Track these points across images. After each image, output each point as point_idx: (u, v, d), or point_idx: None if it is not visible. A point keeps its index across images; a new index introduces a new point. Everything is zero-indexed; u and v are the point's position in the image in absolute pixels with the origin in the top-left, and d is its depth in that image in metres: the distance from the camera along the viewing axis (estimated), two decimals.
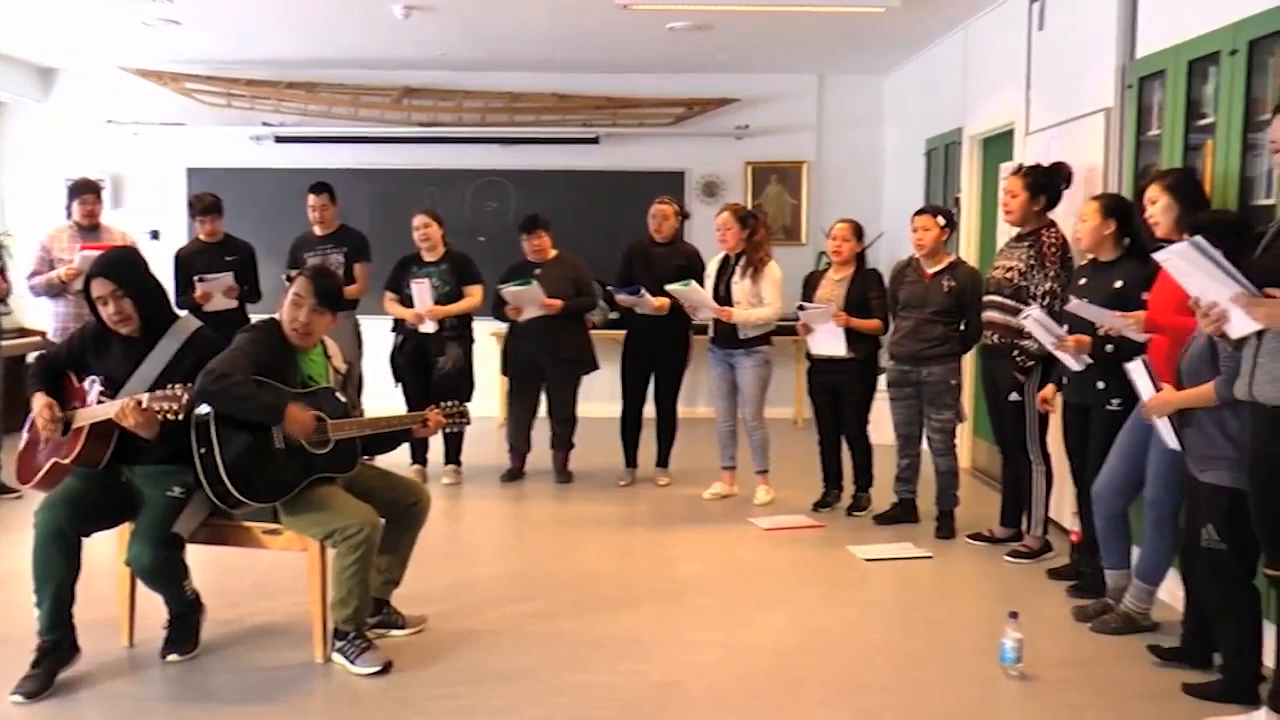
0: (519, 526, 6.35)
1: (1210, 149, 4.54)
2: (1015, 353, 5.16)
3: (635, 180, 9.22)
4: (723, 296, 6.30)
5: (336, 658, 4.00)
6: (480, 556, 5.64)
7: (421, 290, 6.59)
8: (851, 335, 5.93)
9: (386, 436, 4.31)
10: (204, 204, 7.02)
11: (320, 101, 9.41)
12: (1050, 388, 5.00)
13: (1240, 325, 3.18)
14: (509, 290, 6.66)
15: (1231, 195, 4.34)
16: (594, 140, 9.57)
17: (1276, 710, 3.45)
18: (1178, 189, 4.25)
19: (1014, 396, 5.29)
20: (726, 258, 6.42)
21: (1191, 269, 3.19)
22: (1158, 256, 3.28)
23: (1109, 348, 4.54)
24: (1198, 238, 3.19)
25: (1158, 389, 3.87)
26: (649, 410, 6.94)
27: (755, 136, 9.63)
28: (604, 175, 9.51)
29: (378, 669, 3.93)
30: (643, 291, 6.52)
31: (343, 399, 4.14)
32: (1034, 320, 4.77)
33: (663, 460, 7.02)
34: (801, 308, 6.00)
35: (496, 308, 6.82)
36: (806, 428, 6.61)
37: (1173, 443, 3.88)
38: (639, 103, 9.55)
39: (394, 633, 4.29)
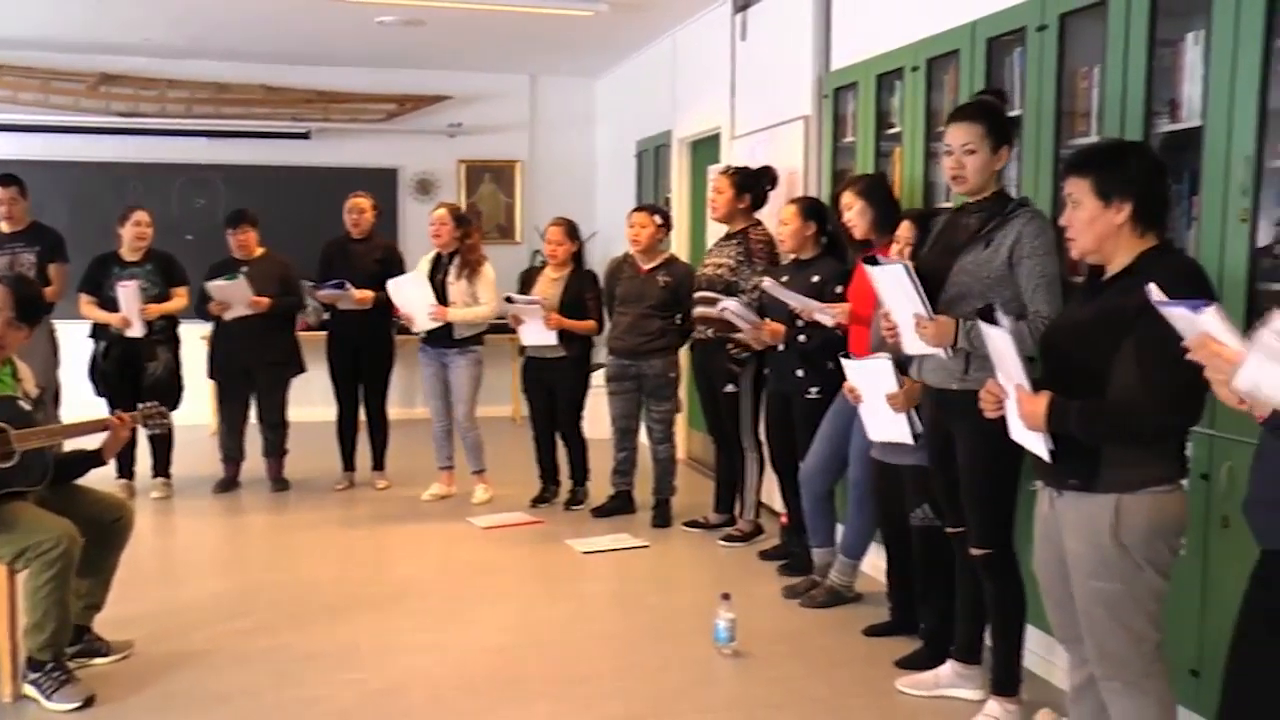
0: (233, 539, 6.09)
1: (899, 155, 4.91)
2: (730, 345, 5.38)
3: (348, 177, 8.91)
4: (438, 295, 6.26)
5: (30, 692, 3.70)
6: (192, 573, 5.40)
7: (130, 293, 6.20)
8: (566, 333, 6.02)
9: (81, 460, 4.02)
10: None
11: (4, 85, 8.70)
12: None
13: (911, 345, 3.44)
14: (215, 285, 6.40)
15: (917, 198, 4.71)
16: (305, 135, 9.30)
17: (959, 659, 3.82)
18: (870, 194, 4.55)
19: (730, 388, 5.51)
20: (439, 256, 6.39)
21: (892, 285, 3.42)
22: (871, 272, 3.48)
23: (801, 337, 4.83)
24: (909, 263, 3.43)
25: (900, 384, 3.95)
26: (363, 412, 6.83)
27: (469, 135, 9.61)
28: (316, 171, 9.25)
29: (78, 704, 3.66)
30: (347, 285, 6.40)
31: (27, 407, 3.84)
32: (730, 311, 5.03)
33: (378, 463, 6.91)
34: (510, 300, 6.04)
35: (201, 305, 6.54)
36: (525, 424, 6.64)
37: (911, 434, 3.94)
38: (351, 98, 9.36)
39: (97, 661, 4.02)
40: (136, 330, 6.27)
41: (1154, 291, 2.14)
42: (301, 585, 5.04)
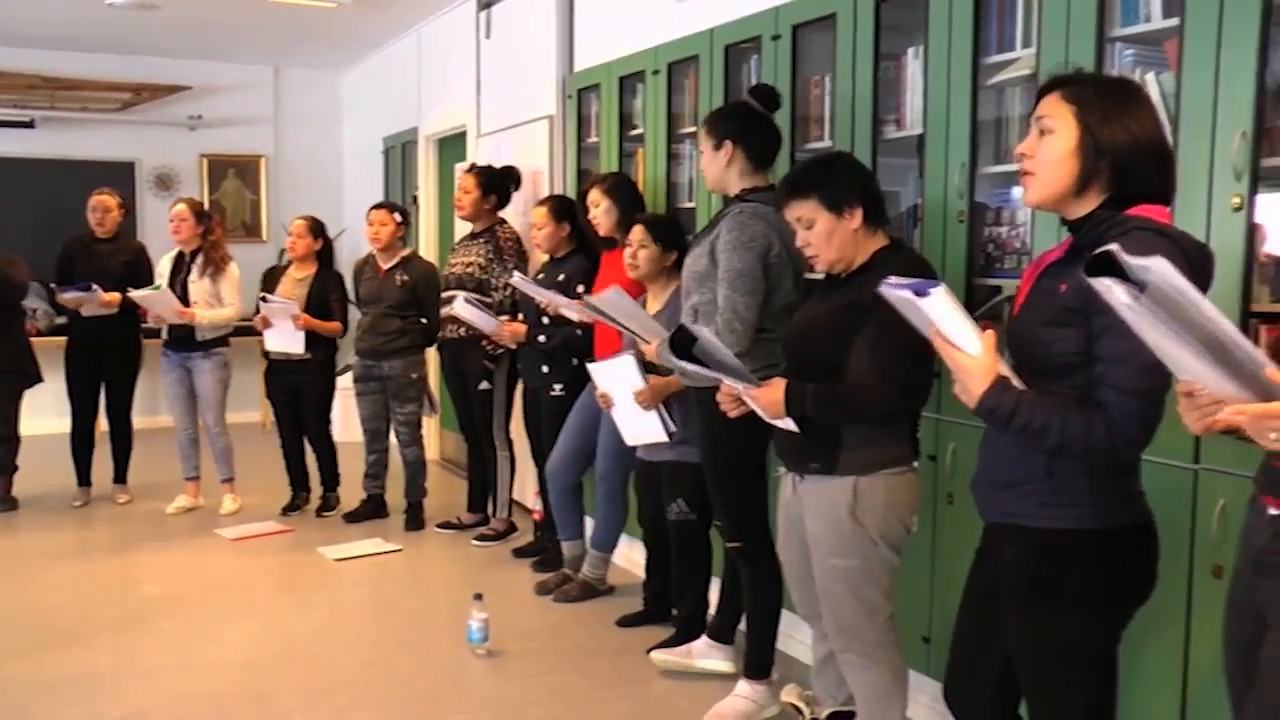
0: None
1: (641, 156, 5.03)
2: (485, 342, 5.38)
3: (79, 170, 8.44)
4: (180, 296, 6.01)
5: None
6: None
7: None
8: (311, 336, 5.89)
9: None
10: None
11: None
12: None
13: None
14: None
15: (660, 198, 4.83)
16: (29, 124, 8.70)
17: (713, 637, 3.99)
18: (616, 192, 4.63)
19: (484, 385, 5.52)
20: (181, 255, 6.14)
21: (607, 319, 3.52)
22: (589, 303, 3.58)
23: (541, 338, 4.89)
24: (608, 293, 3.53)
25: (646, 381, 4.04)
26: (102, 422, 6.48)
27: (211, 128, 9.23)
28: (42, 164, 8.66)
29: None
30: (94, 288, 6.06)
31: None
32: (462, 309, 5.03)
33: (120, 476, 6.58)
34: (264, 299, 5.87)
35: None
36: (274, 431, 6.46)
37: (666, 430, 4.02)
38: (81, 84, 8.81)
39: None
40: None
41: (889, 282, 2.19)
42: (32, 611, 4.73)
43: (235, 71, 9.25)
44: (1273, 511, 1.85)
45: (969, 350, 2.03)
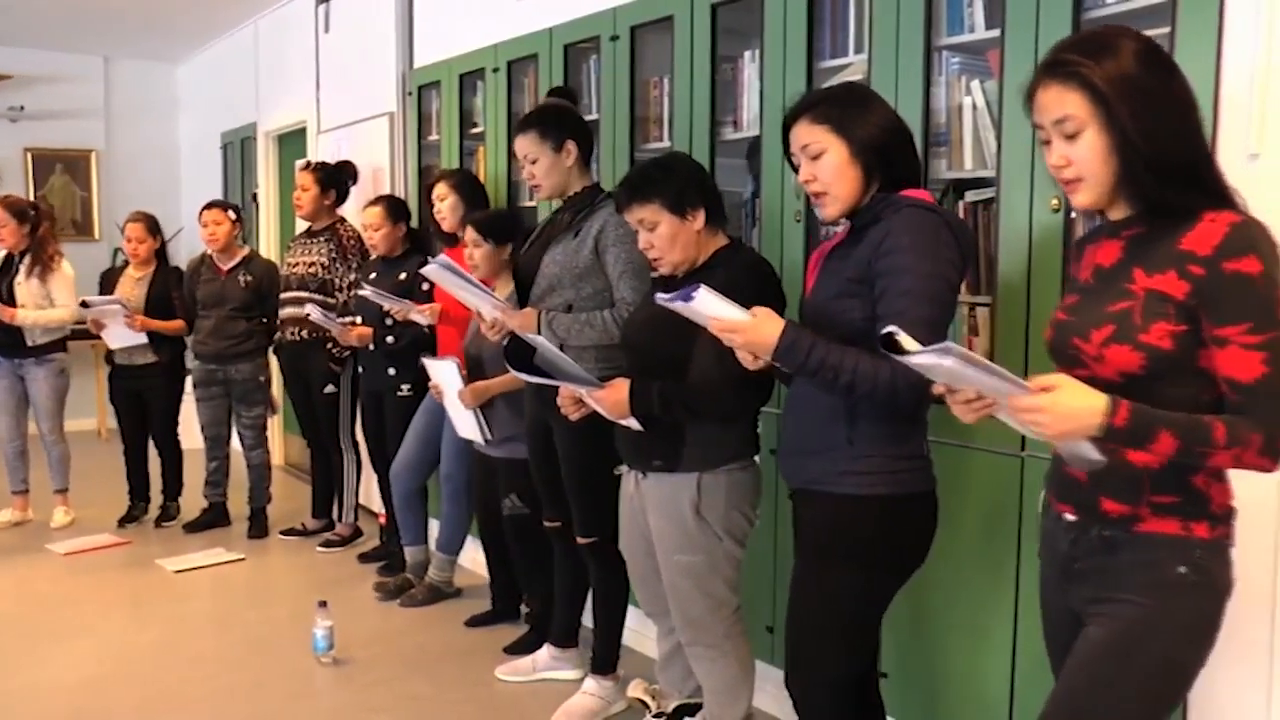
0: None
1: (482, 154, 5.00)
2: (330, 345, 5.27)
3: None
4: (5, 299, 5.73)
5: None
6: None
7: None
8: (156, 337, 5.70)
9: None
10: None
11: None
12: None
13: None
14: None
15: (501, 196, 4.81)
16: None
17: (556, 644, 3.99)
18: (463, 188, 4.60)
19: (329, 389, 5.41)
20: (9, 256, 5.86)
21: (453, 284, 3.46)
22: (424, 272, 3.50)
23: (390, 339, 4.82)
24: (443, 257, 3.48)
25: (466, 383, 4.03)
26: None
27: (35, 120, 8.82)
28: None
29: None
30: None
31: None
32: (315, 318, 4.97)
33: None
34: (86, 304, 5.61)
35: None
36: (112, 439, 6.22)
37: (482, 435, 4.05)
38: None
39: None
40: None
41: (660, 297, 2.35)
42: None
43: (62, 60, 8.86)
44: (1069, 518, 1.94)
45: (742, 317, 2.26)
